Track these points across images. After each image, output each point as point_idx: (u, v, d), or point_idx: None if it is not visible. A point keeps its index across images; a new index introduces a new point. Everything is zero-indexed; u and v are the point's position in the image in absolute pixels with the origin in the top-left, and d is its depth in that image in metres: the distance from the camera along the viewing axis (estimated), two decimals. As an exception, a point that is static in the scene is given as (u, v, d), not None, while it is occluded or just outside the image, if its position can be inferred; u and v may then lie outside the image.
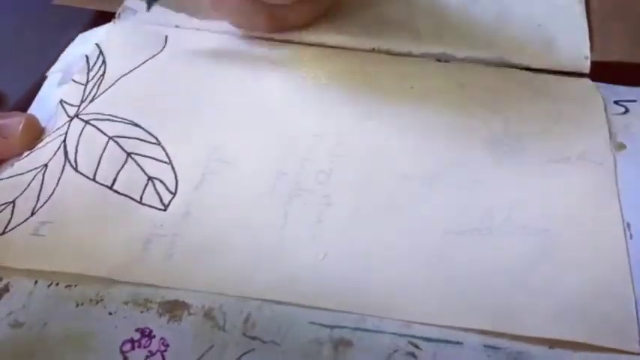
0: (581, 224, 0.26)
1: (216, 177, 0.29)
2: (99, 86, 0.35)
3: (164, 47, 0.36)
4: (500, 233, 0.26)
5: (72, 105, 0.34)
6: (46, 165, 0.31)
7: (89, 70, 0.36)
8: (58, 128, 0.33)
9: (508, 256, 0.26)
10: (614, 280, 0.25)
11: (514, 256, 0.26)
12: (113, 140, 0.31)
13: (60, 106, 0.34)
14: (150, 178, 0.29)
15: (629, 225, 0.27)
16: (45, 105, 0.35)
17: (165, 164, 0.30)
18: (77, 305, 0.25)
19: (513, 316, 0.24)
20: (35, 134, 0.32)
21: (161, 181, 0.29)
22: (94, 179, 0.30)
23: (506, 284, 0.25)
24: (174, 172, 0.30)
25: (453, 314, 0.24)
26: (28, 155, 0.32)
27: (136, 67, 0.35)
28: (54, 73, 0.37)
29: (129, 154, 0.31)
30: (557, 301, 0.24)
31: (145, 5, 0.35)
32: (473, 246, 0.26)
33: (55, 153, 0.31)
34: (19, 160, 0.31)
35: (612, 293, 0.24)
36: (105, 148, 0.31)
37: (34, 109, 0.35)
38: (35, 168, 0.31)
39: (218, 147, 0.30)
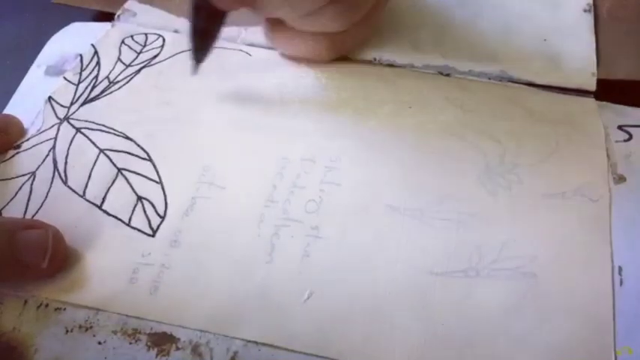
0: (569, 269, 0.26)
1: (205, 203, 0.29)
2: (91, 89, 0.34)
3: (160, 52, 0.35)
4: (486, 276, 0.26)
5: (62, 105, 0.33)
6: (34, 173, 0.30)
7: (82, 70, 0.35)
8: (46, 130, 0.32)
9: (492, 302, 0.25)
10: (596, 333, 0.24)
11: (498, 302, 0.25)
12: (104, 153, 0.31)
13: (48, 104, 0.34)
14: (139, 198, 0.29)
15: (620, 269, 0.25)
16: (29, 97, 0.34)
17: (156, 183, 0.29)
18: (67, 332, 0.26)
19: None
20: (62, 258, 0.27)
21: (150, 203, 0.29)
22: (83, 196, 0.29)
23: (487, 332, 0.24)
24: (164, 194, 0.29)
25: None
26: (14, 156, 0.31)
27: (131, 75, 0.34)
28: (40, 66, 0.36)
29: (119, 170, 0.30)
30: (538, 352, 0.24)
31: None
32: (457, 289, 0.25)
33: (44, 160, 0.31)
34: (4, 160, 0.31)
35: (592, 349, 0.24)
36: (95, 162, 0.30)
37: (16, 102, 0.34)
38: (23, 175, 0.30)
39: (209, 166, 0.30)
